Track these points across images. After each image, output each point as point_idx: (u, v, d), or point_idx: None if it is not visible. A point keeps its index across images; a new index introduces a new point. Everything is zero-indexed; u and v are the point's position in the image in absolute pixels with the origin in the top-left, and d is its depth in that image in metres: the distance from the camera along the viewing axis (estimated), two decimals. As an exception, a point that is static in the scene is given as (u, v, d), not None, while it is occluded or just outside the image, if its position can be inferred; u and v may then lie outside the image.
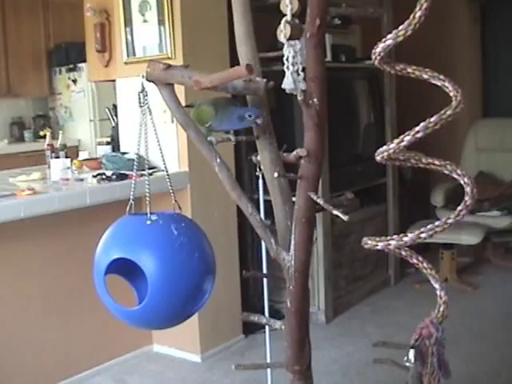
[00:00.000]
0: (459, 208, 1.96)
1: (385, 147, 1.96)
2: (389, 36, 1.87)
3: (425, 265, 2.13)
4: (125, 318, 2.36)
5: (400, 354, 2.22)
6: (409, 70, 1.95)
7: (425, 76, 1.92)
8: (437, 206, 6.08)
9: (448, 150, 6.30)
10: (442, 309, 2.15)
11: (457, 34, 6.84)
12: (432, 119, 1.89)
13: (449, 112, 1.89)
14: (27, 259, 3.86)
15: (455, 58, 6.67)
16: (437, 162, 1.98)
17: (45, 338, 3.97)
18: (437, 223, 1.97)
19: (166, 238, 2.26)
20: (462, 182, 1.96)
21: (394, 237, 2.01)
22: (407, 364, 2.16)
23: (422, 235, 1.98)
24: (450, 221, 1.97)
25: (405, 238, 2.00)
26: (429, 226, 1.97)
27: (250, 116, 2.05)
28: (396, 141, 1.94)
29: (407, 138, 1.92)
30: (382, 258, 5.78)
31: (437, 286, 2.14)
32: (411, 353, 2.14)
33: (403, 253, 2.13)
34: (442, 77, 1.90)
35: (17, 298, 3.84)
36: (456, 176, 1.96)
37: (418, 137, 1.90)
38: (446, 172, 1.98)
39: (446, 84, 1.89)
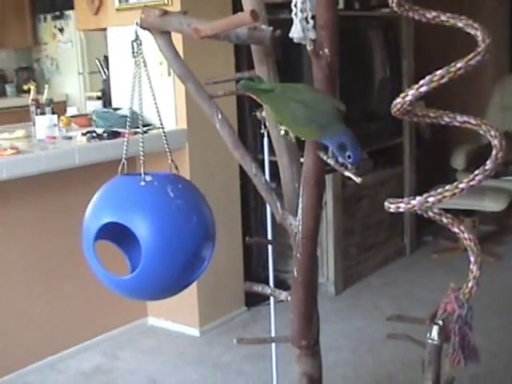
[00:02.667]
0: (476, 172, 1.94)
1: (394, 102, 1.95)
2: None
3: (466, 235, 2.11)
4: (116, 287, 2.37)
5: (416, 329, 2.23)
6: (442, 17, 1.91)
7: (460, 24, 1.88)
8: (457, 168, 6.07)
9: (471, 108, 6.25)
10: (470, 284, 2.14)
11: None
12: (438, 72, 1.87)
13: (459, 65, 1.86)
14: (10, 224, 3.87)
15: (481, 10, 6.59)
16: (473, 121, 1.96)
17: (28, 310, 3.99)
18: (447, 187, 1.95)
19: (161, 200, 2.25)
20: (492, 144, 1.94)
21: (404, 200, 2.00)
22: (430, 342, 2.16)
23: (430, 199, 1.96)
24: (461, 185, 1.94)
25: (412, 202, 1.98)
26: (438, 190, 1.96)
27: (349, 157, 1.87)
28: (401, 95, 1.92)
29: (411, 92, 1.90)
30: (397, 225, 5.80)
31: (472, 258, 2.12)
32: (435, 330, 2.14)
33: (444, 220, 2.12)
34: (475, 25, 1.87)
35: (-1, 266, 3.86)
36: (489, 137, 1.94)
37: (421, 91, 1.88)
38: (481, 132, 1.96)
39: (478, 33, 1.86)
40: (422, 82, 1.88)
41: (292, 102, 1.93)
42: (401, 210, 2.00)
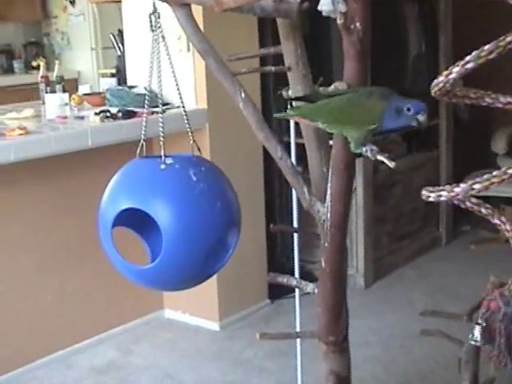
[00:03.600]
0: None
1: (435, 81, 1.93)
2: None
3: (507, 226, 2.10)
4: (135, 277, 2.38)
5: (451, 326, 2.23)
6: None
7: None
8: (498, 153, 6.03)
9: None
10: None
11: None
12: (486, 47, 1.85)
13: (509, 38, 1.84)
14: (18, 209, 3.89)
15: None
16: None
17: (38, 301, 4.02)
18: (495, 173, 1.93)
19: (183, 184, 2.26)
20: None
21: (446, 187, 1.99)
22: (472, 343, 2.15)
23: (476, 186, 1.94)
24: (510, 171, 1.93)
25: (456, 189, 1.96)
26: (485, 176, 1.93)
27: (408, 110, 1.87)
28: (445, 73, 1.90)
29: (456, 70, 1.88)
30: (432, 213, 5.78)
31: None
32: (477, 330, 2.14)
33: (483, 210, 2.10)
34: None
35: (5, 254, 3.87)
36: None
37: (468, 68, 1.86)
38: None
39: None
40: (468, 58, 1.84)
41: (349, 93, 1.95)
42: (442, 198, 1.97)
